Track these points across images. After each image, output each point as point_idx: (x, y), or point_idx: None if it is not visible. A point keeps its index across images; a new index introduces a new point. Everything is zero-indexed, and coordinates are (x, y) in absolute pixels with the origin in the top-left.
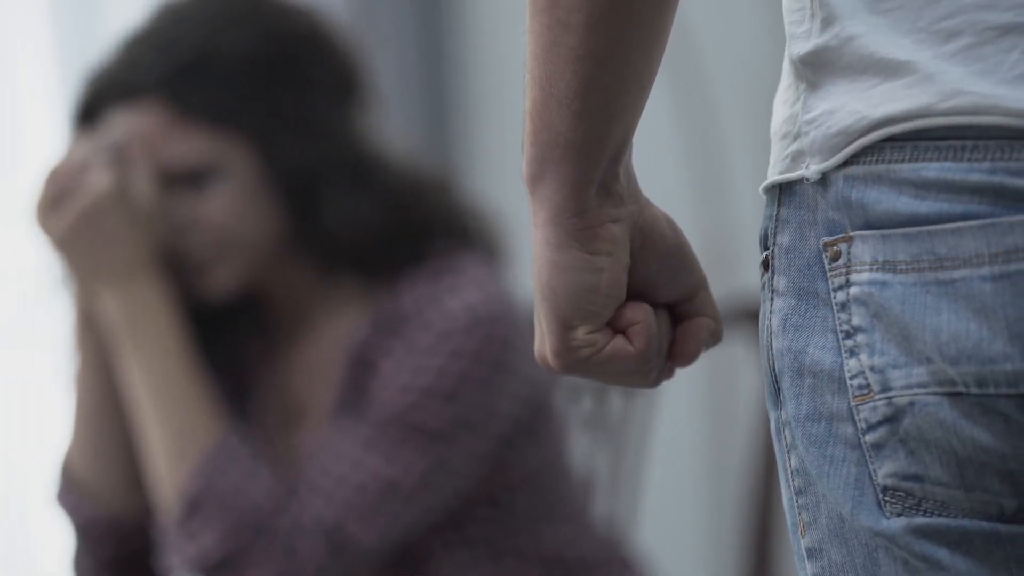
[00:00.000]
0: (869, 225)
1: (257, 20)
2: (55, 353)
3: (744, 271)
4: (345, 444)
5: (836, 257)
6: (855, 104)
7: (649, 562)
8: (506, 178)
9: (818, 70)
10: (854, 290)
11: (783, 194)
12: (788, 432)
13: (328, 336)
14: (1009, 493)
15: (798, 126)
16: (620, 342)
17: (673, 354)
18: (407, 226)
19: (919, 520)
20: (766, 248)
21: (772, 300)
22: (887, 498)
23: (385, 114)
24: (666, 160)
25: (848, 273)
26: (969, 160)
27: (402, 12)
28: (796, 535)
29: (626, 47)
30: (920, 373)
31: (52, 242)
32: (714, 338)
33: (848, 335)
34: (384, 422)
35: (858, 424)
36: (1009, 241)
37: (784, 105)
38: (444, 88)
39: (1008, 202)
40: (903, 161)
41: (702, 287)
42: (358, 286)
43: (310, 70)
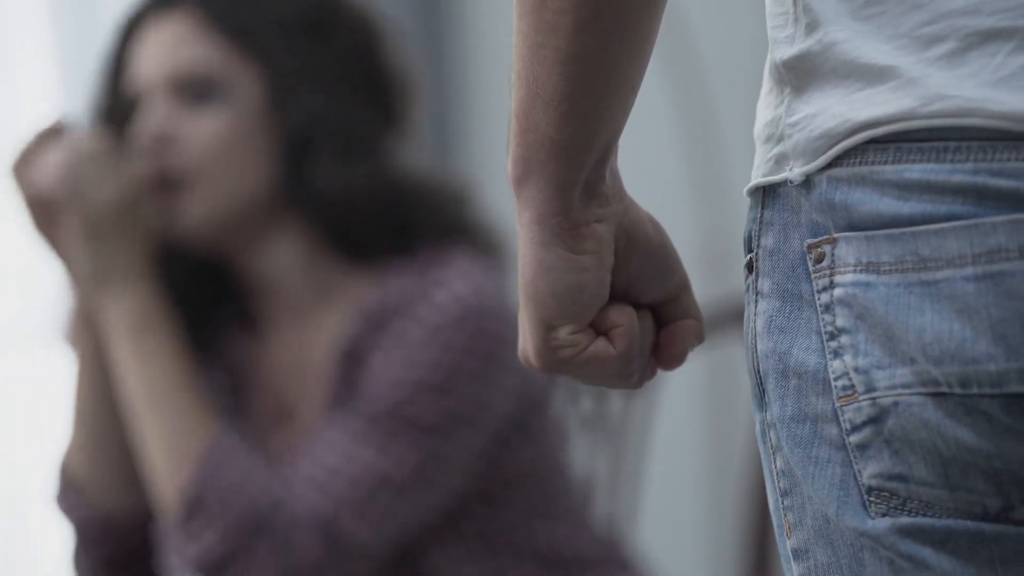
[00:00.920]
0: (853, 227)
1: None
2: (54, 353)
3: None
4: (338, 436)
5: (820, 259)
6: (838, 107)
7: (648, 561)
8: (505, 178)
9: (801, 75)
10: (838, 291)
11: (767, 196)
12: (773, 433)
13: (318, 332)
14: (993, 493)
15: (781, 129)
16: (602, 344)
17: (659, 357)
18: (398, 213)
19: (904, 520)
20: (750, 250)
21: (756, 302)
22: (872, 498)
23: (417, 142)
24: (666, 160)
25: (832, 275)
26: (952, 161)
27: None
28: (782, 536)
29: (614, 49)
30: (904, 374)
31: (55, 245)
32: (698, 340)
33: (832, 336)
34: (376, 416)
35: (843, 425)
36: (992, 241)
37: (767, 109)
38: (444, 88)
39: (991, 203)
40: (886, 163)
41: (685, 288)
42: (346, 277)
43: (347, 50)
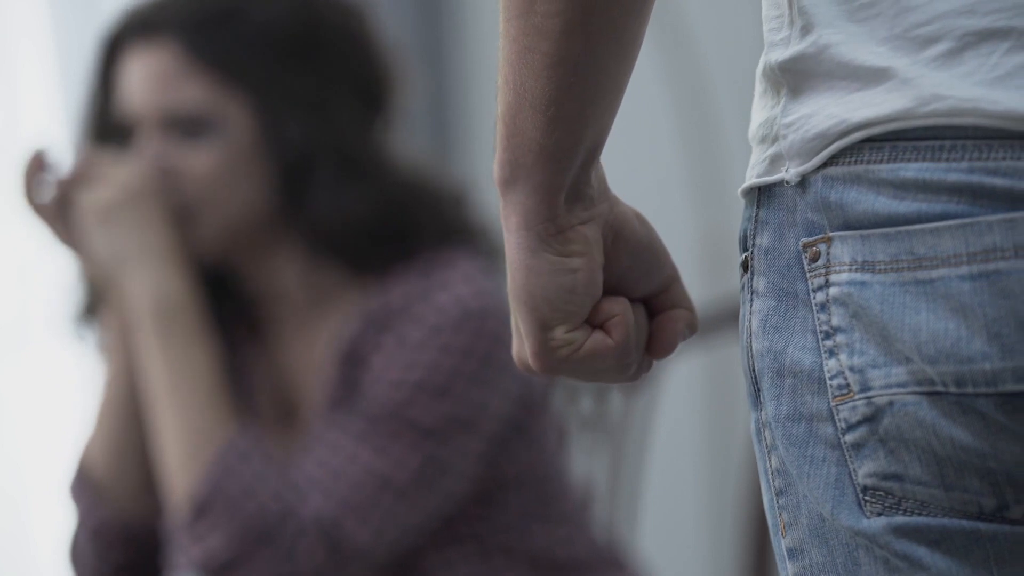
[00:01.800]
0: (848, 225)
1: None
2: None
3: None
4: (339, 438)
5: (815, 258)
6: (834, 108)
7: (647, 562)
8: None
9: (797, 77)
10: (833, 290)
11: (762, 196)
12: (768, 433)
13: (319, 333)
14: (988, 492)
15: (776, 130)
16: (599, 337)
17: (651, 347)
18: (398, 225)
19: (899, 519)
20: (745, 249)
21: (752, 301)
22: (867, 498)
23: (406, 133)
24: (665, 160)
25: (827, 274)
26: (947, 160)
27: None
28: (777, 535)
29: (602, 52)
30: (899, 373)
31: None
32: (690, 329)
33: (828, 335)
34: (377, 417)
35: (838, 424)
36: (987, 240)
37: (762, 110)
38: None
39: (986, 202)
40: (881, 161)
41: (675, 279)
42: (348, 281)
43: (336, 61)
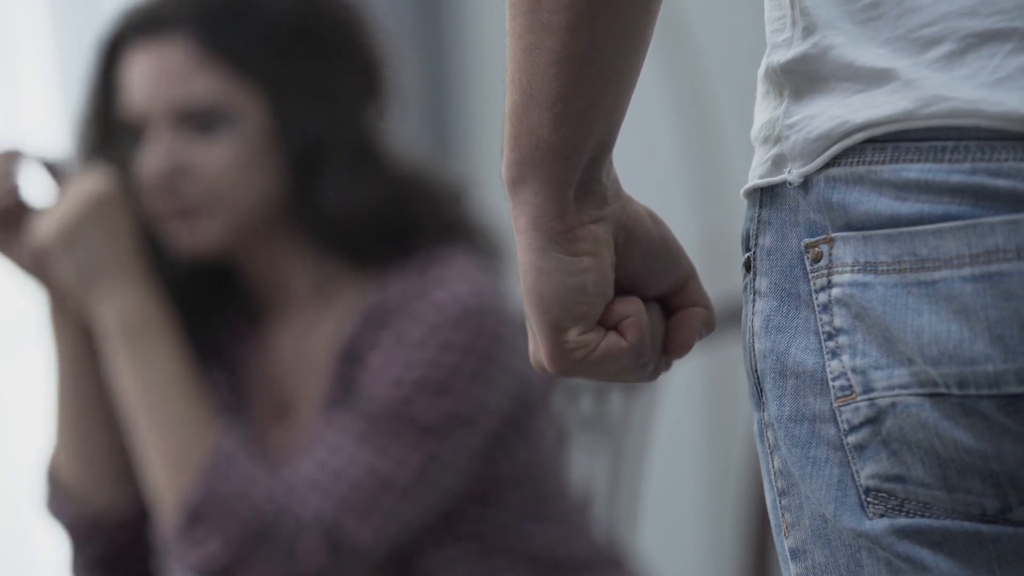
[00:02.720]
0: (850, 226)
1: None
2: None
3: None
4: (339, 437)
5: (818, 258)
6: (836, 110)
7: (647, 562)
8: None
9: (799, 78)
10: (836, 291)
11: (764, 196)
12: (771, 433)
13: (318, 330)
14: (991, 494)
15: (778, 130)
16: (613, 338)
17: (667, 346)
18: (400, 217)
19: (902, 521)
20: (748, 249)
21: (754, 301)
22: (870, 499)
23: (402, 119)
24: (665, 159)
25: (830, 274)
26: (950, 161)
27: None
28: (779, 536)
29: (608, 49)
30: (902, 374)
31: (49, 241)
32: (707, 327)
33: (830, 336)
34: (377, 416)
35: (840, 425)
36: (990, 242)
37: (764, 111)
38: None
39: (989, 203)
40: (884, 162)
41: (691, 277)
42: (347, 275)
43: (338, 51)
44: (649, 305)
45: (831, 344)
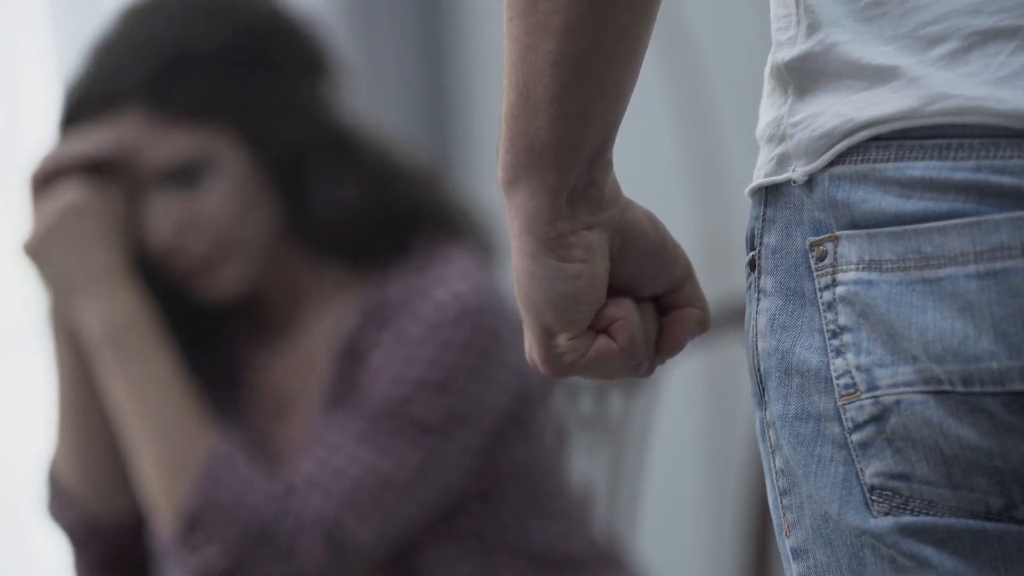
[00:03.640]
0: (855, 224)
1: (222, 13)
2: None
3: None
4: (339, 437)
5: (822, 257)
6: (840, 108)
7: (647, 562)
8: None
9: (804, 76)
10: (840, 289)
11: (769, 194)
12: (772, 432)
13: (317, 329)
14: (996, 491)
15: (783, 129)
16: (604, 342)
17: (659, 345)
18: (393, 209)
19: (906, 519)
20: (752, 248)
21: (759, 300)
22: (874, 497)
23: (358, 87)
24: (665, 160)
25: (834, 273)
26: (954, 159)
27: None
28: (781, 535)
29: (605, 51)
30: (906, 372)
31: (26, 252)
32: (701, 327)
33: (834, 335)
34: (377, 415)
35: (845, 424)
36: (994, 239)
37: (769, 110)
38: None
39: (993, 200)
40: (888, 160)
41: (688, 278)
42: (346, 277)
43: (280, 55)
44: (643, 304)
45: (835, 342)
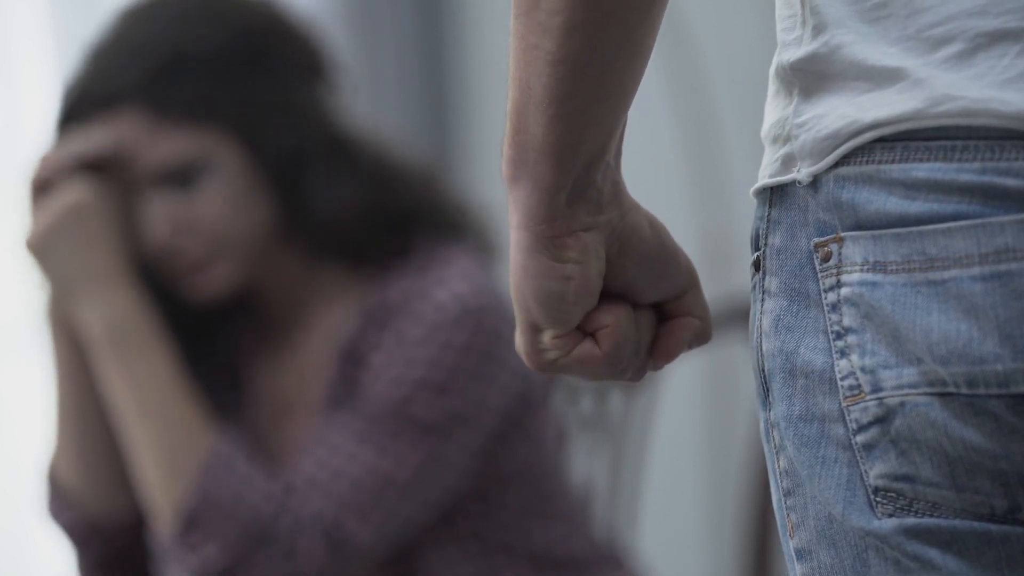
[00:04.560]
0: (859, 226)
1: (219, 15)
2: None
3: (743, 271)
4: (339, 437)
5: (827, 258)
6: (845, 109)
7: (647, 562)
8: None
9: (809, 77)
10: (845, 291)
11: (774, 195)
12: (776, 433)
13: (318, 330)
14: (1000, 493)
15: (788, 129)
16: (587, 346)
17: (653, 351)
18: (392, 210)
19: (911, 520)
20: (757, 249)
21: (763, 301)
22: (878, 499)
23: (355, 90)
24: (666, 160)
25: (839, 274)
26: (959, 160)
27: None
28: (785, 536)
29: (606, 53)
30: (911, 373)
31: (27, 250)
32: (699, 339)
33: (839, 336)
34: (377, 415)
35: (849, 425)
36: (999, 241)
37: (774, 110)
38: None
39: (998, 202)
40: (893, 161)
41: (691, 287)
42: (346, 278)
43: (278, 56)
44: (641, 310)
45: (840, 343)
